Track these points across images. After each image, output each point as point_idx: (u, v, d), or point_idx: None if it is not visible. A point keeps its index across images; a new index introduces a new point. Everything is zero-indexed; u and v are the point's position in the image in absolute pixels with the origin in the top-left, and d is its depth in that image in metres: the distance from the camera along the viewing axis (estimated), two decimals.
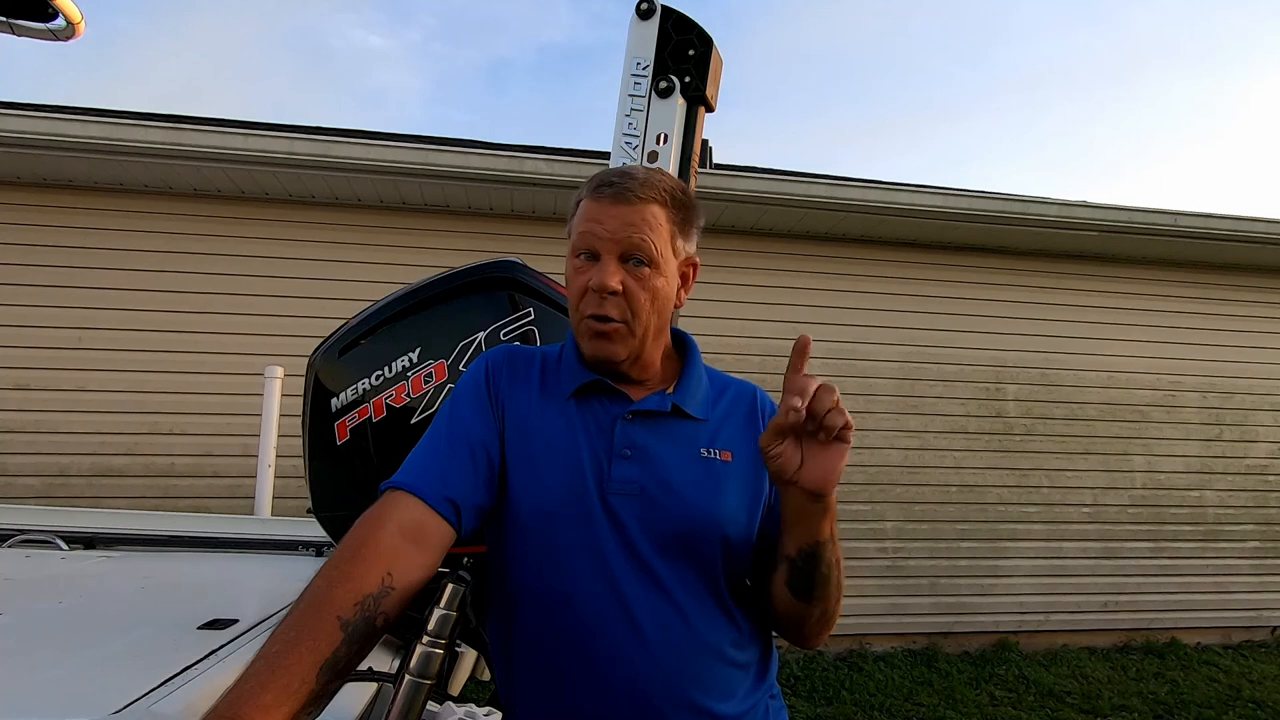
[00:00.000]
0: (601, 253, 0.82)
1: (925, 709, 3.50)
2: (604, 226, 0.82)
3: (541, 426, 0.84)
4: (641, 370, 0.88)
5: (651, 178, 0.85)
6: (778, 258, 4.46)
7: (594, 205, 0.84)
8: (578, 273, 0.84)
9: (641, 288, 0.82)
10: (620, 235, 0.81)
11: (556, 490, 0.80)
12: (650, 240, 0.82)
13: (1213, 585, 4.72)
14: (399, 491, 0.76)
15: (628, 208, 0.82)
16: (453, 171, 3.74)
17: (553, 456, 0.82)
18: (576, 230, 0.85)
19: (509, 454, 0.83)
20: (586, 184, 0.87)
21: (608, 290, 0.81)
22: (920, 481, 4.48)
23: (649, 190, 0.83)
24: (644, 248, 0.82)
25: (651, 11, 1.42)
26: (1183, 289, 4.88)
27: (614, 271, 0.81)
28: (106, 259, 3.81)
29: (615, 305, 0.81)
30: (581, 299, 0.83)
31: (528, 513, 0.80)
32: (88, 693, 0.72)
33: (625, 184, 0.83)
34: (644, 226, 0.82)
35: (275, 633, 0.62)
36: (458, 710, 0.92)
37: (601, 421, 0.84)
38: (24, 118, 3.40)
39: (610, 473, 0.80)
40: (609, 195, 0.83)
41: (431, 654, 0.66)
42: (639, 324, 0.83)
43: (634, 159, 1.45)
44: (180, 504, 3.64)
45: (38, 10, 1.41)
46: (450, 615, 0.67)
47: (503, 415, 0.85)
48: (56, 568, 1.44)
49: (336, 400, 1.19)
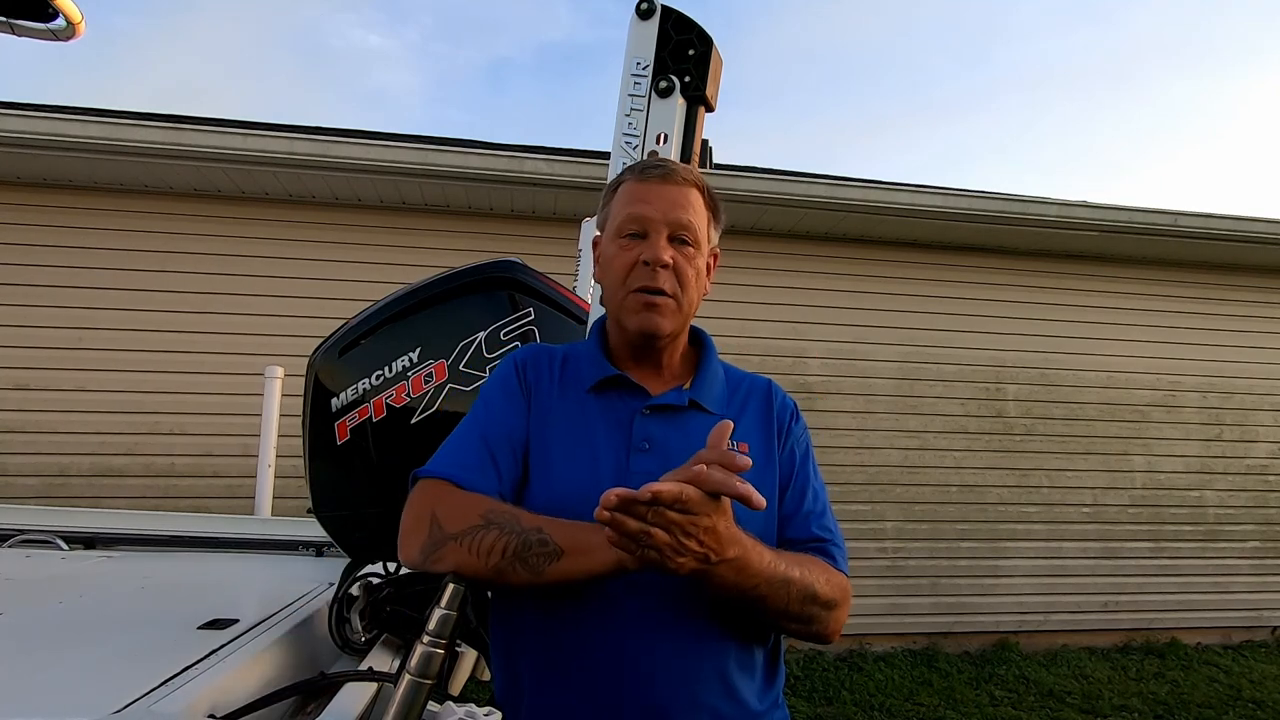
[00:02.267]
0: (650, 230, 0.84)
1: (925, 709, 3.50)
2: (654, 206, 0.85)
3: (561, 423, 0.85)
4: (672, 355, 0.90)
5: (690, 168, 0.89)
6: (777, 258, 4.46)
7: (641, 186, 0.86)
8: (623, 250, 0.85)
9: (689, 264, 0.85)
10: (670, 215, 0.84)
11: (570, 486, 0.80)
12: (695, 222, 0.86)
13: (1213, 585, 4.72)
14: (441, 481, 0.78)
15: (676, 189, 0.86)
16: (453, 171, 3.74)
17: (567, 452, 0.83)
18: (623, 211, 0.87)
19: (532, 450, 0.84)
20: (627, 171, 0.90)
21: (661, 263, 0.83)
22: (920, 481, 4.48)
23: (691, 175, 0.87)
24: (691, 228, 0.85)
25: (651, 11, 1.42)
26: (1182, 289, 4.88)
27: (665, 245, 0.84)
28: (106, 259, 3.81)
29: (667, 278, 0.84)
30: (629, 274, 0.84)
31: (543, 508, 0.79)
32: (88, 693, 0.72)
33: (672, 167, 0.87)
34: (689, 208, 0.86)
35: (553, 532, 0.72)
36: (458, 710, 0.92)
37: (620, 415, 0.85)
38: (24, 118, 3.40)
39: (629, 466, 0.81)
40: (657, 176, 0.86)
41: (432, 654, 0.66)
42: (686, 300, 0.86)
43: (634, 159, 1.45)
44: (180, 504, 3.64)
45: (38, 10, 1.41)
46: (451, 615, 0.67)
47: (530, 408, 0.87)
48: (56, 568, 1.44)
49: (337, 400, 1.19)
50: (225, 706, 0.75)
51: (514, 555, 0.71)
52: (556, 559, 0.70)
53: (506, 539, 0.71)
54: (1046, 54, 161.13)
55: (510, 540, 0.71)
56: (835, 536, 0.86)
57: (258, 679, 0.86)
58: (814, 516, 0.86)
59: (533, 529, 0.72)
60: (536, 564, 0.71)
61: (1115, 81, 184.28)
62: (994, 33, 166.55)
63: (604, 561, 0.69)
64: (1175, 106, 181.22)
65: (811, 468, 0.90)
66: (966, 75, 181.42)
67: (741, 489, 0.63)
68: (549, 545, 0.71)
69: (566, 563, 0.70)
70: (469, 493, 0.77)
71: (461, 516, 0.74)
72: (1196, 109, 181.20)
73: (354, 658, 1.08)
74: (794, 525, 0.85)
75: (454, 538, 0.72)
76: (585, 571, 0.70)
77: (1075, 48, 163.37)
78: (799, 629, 0.78)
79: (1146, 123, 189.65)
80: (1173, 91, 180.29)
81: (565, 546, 0.71)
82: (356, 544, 1.21)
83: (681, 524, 0.63)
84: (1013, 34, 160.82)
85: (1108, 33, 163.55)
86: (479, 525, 0.72)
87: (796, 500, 0.86)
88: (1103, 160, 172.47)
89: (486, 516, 0.73)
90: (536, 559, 0.71)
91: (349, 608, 1.12)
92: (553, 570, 0.70)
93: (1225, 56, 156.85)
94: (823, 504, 0.88)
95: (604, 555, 0.69)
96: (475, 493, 0.77)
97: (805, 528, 0.85)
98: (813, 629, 0.78)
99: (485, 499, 0.76)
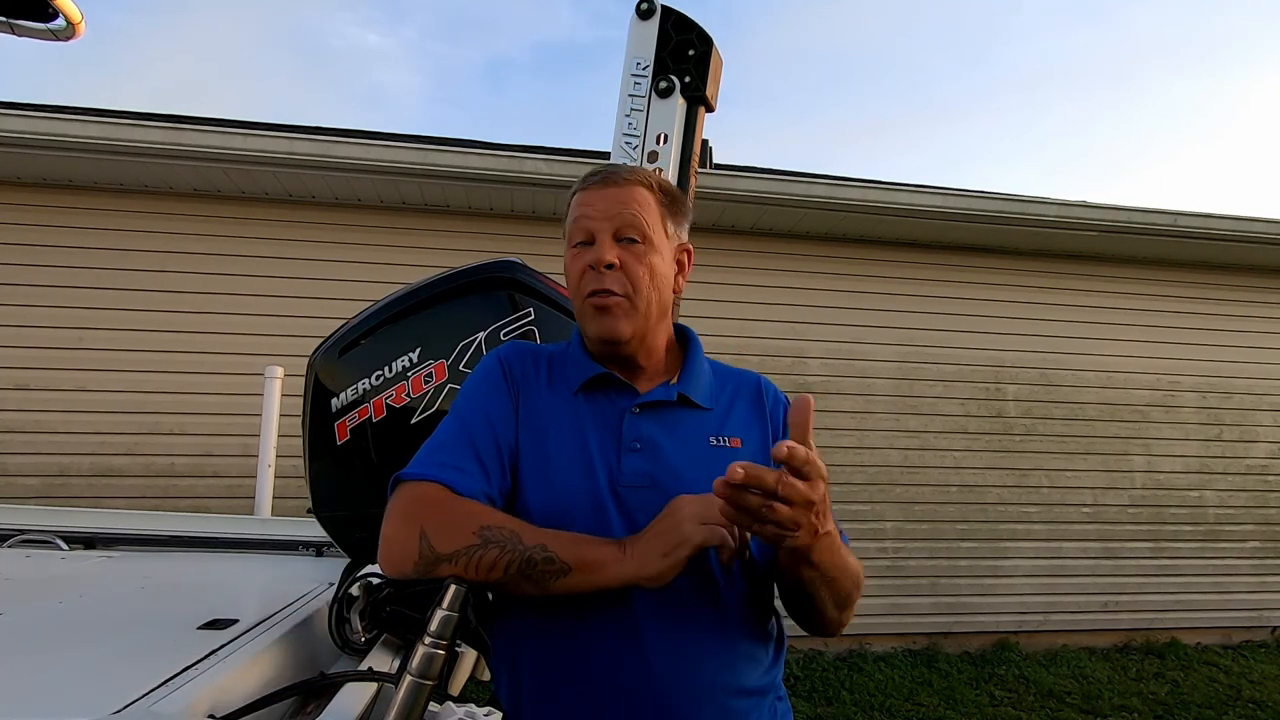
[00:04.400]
0: (596, 233, 0.85)
1: (925, 709, 3.50)
2: (595, 209, 0.85)
3: (552, 425, 0.84)
4: (647, 356, 0.89)
5: (636, 168, 0.90)
6: (777, 258, 4.46)
7: (585, 194, 0.88)
8: (575, 259, 0.86)
9: (638, 262, 0.84)
10: (612, 213, 0.85)
11: (568, 492, 0.80)
12: (641, 216, 0.85)
13: (1213, 585, 4.72)
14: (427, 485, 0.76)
15: (617, 189, 0.86)
16: (453, 171, 3.74)
17: (564, 458, 0.82)
18: (570, 221, 0.88)
19: (523, 452, 0.83)
20: (577, 181, 0.91)
21: (604, 263, 0.83)
22: (920, 481, 4.48)
23: (635, 174, 0.88)
24: (636, 223, 0.85)
25: (651, 11, 1.42)
26: (1182, 289, 4.88)
27: (610, 247, 0.84)
28: (106, 259, 3.81)
29: (615, 279, 0.83)
30: (581, 280, 0.85)
31: (538, 513, 0.79)
32: (88, 693, 0.72)
33: (611, 169, 0.89)
34: (633, 204, 0.85)
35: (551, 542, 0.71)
36: (458, 710, 0.92)
37: (609, 415, 0.85)
38: (24, 118, 3.40)
39: (620, 466, 0.81)
40: (597, 181, 0.87)
41: (433, 655, 0.66)
42: (640, 298, 0.84)
43: (634, 159, 1.45)
44: (180, 504, 3.64)
45: (38, 10, 1.41)
46: (452, 616, 0.67)
47: (518, 407, 0.86)
48: (56, 568, 1.44)
49: (336, 400, 1.19)
50: (225, 706, 0.75)
51: (517, 572, 0.70)
52: (564, 576, 0.70)
53: (508, 557, 0.70)
54: (1047, 54, 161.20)
55: (512, 558, 0.70)
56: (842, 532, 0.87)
57: (258, 679, 0.86)
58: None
59: (536, 546, 0.70)
60: (542, 580, 0.70)
61: (1115, 81, 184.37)
62: (994, 33, 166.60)
63: (617, 576, 0.70)
64: (1175, 106, 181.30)
65: None
66: (966, 75, 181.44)
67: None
68: (555, 563, 0.70)
69: (575, 579, 0.70)
70: (460, 500, 0.75)
71: (455, 534, 0.71)
72: (1196, 109, 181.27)
73: (354, 658, 1.08)
74: None
75: (448, 559, 0.70)
76: (595, 587, 0.70)
77: (1075, 48, 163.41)
78: (834, 617, 0.79)
79: (1146, 123, 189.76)
80: (1173, 91, 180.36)
81: (573, 563, 0.70)
82: (356, 544, 1.21)
83: (806, 494, 0.62)
84: (1013, 34, 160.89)
85: (1108, 33, 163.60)
86: (475, 544, 0.70)
87: None
88: (1103, 160, 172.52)
89: (483, 534, 0.71)
90: (542, 575, 0.70)
91: (349, 608, 1.12)
92: (559, 585, 0.70)
93: (1225, 56, 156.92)
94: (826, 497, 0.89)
95: (616, 570, 0.69)
96: (466, 499, 0.75)
97: None
98: (844, 616, 0.80)
99: (479, 510, 0.74)
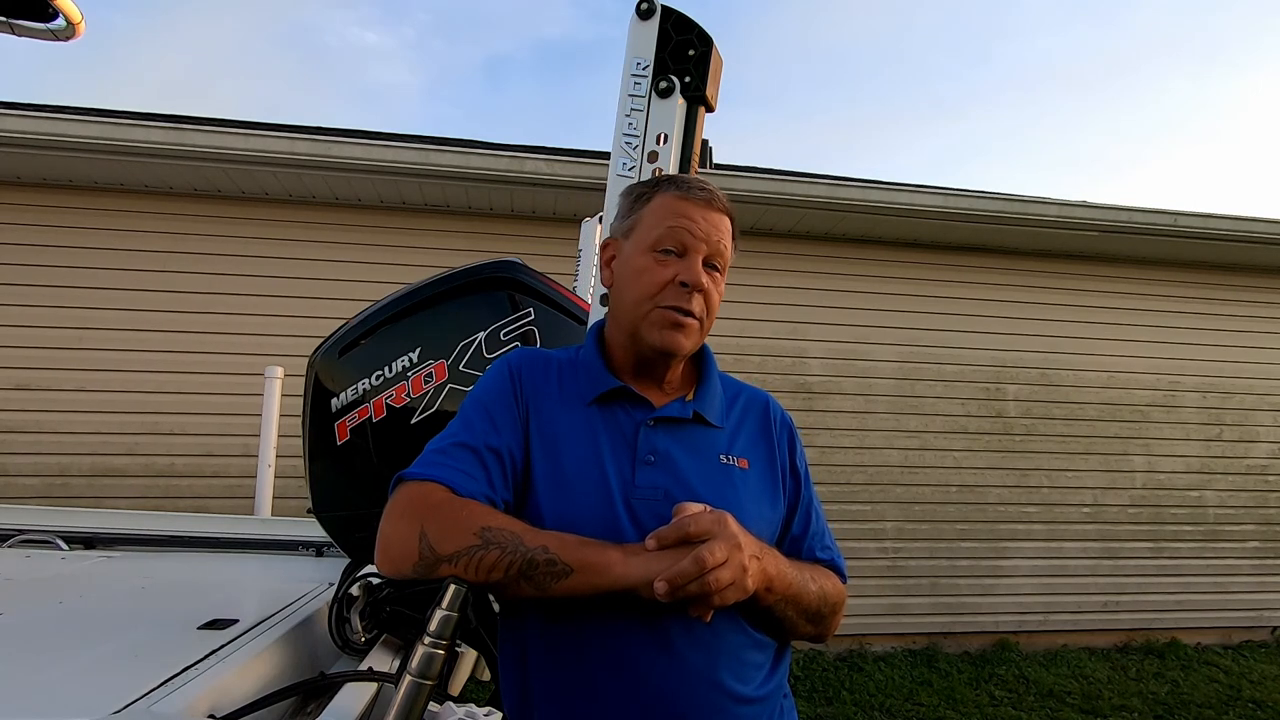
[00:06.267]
0: (690, 251, 0.85)
1: (925, 709, 3.50)
2: (699, 227, 0.85)
3: (565, 435, 0.84)
4: (674, 372, 0.90)
5: (721, 193, 0.89)
6: (777, 258, 4.46)
7: (684, 204, 0.86)
8: (658, 265, 0.85)
9: (716, 290, 0.87)
10: (711, 239, 0.85)
11: (582, 501, 0.80)
12: (728, 250, 0.88)
13: (1213, 585, 4.72)
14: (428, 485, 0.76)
15: (717, 214, 0.87)
16: (452, 171, 3.74)
17: (578, 468, 0.82)
18: (661, 224, 0.86)
19: (534, 463, 0.83)
20: (665, 182, 0.89)
21: (699, 287, 0.84)
22: (920, 481, 4.48)
23: (727, 204, 0.89)
24: (723, 254, 0.87)
25: (651, 11, 1.42)
26: (1182, 289, 4.88)
27: (701, 270, 0.84)
28: (106, 259, 3.81)
29: (699, 302, 0.85)
30: (660, 291, 0.84)
31: (552, 522, 0.79)
32: (88, 693, 0.72)
33: (713, 191, 0.88)
34: (725, 234, 0.87)
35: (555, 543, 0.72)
36: (458, 710, 0.92)
37: (624, 428, 0.85)
38: (24, 118, 3.40)
39: (635, 479, 0.81)
40: (702, 198, 0.86)
41: (433, 655, 0.66)
42: (708, 323, 0.88)
43: (634, 159, 1.45)
44: (180, 504, 3.64)
45: (38, 10, 1.41)
46: (452, 616, 0.67)
47: (527, 419, 0.85)
48: (56, 568, 1.44)
49: (337, 400, 1.19)
50: (225, 707, 0.75)
51: (518, 573, 0.70)
52: (566, 577, 0.70)
53: (509, 559, 0.70)
54: (1047, 53, 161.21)
55: (513, 560, 0.70)
56: (837, 553, 0.93)
57: (258, 679, 0.86)
58: (818, 537, 0.92)
59: (538, 548, 0.70)
60: (543, 582, 0.70)
61: (1115, 81, 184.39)
62: (994, 32, 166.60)
63: (621, 578, 0.70)
64: (1175, 106, 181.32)
65: (812, 485, 0.95)
66: (967, 75, 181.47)
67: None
68: (557, 564, 0.70)
69: (577, 581, 0.70)
70: (462, 501, 0.74)
71: (455, 535, 0.71)
72: (1196, 109, 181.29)
73: (354, 658, 1.08)
74: (805, 546, 0.90)
75: (448, 559, 0.70)
76: (598, 589, 0.70)
77: (1076, 47, 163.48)
78: (810, 631, 0.85)
79: (1147, 123, 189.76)
80: (1173, 91, 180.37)
81: (575, 565, 0.70)
82: (356, 544, 1.21)
83: (720, 560, 0.67)
84: (1013, 33, 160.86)
85: (1108, 32, 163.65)
86: (476, 545, 0.70)
87: (804, 521, 0.91)
88: (1103, 160, 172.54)
89: (484, 535, 0.71)
90: (543, 577, 0.70)
91: (349, 608, 1.12)
92: (560, 587, 0.70)
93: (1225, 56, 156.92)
94: (823, 520, 0.94)
95: (620, 572, 0.70)
96: (468, 500, 0.75)
97: (813, 550, 0.91)
98: (822, 628, 0.86)
99: (480, 510, 0.74)
